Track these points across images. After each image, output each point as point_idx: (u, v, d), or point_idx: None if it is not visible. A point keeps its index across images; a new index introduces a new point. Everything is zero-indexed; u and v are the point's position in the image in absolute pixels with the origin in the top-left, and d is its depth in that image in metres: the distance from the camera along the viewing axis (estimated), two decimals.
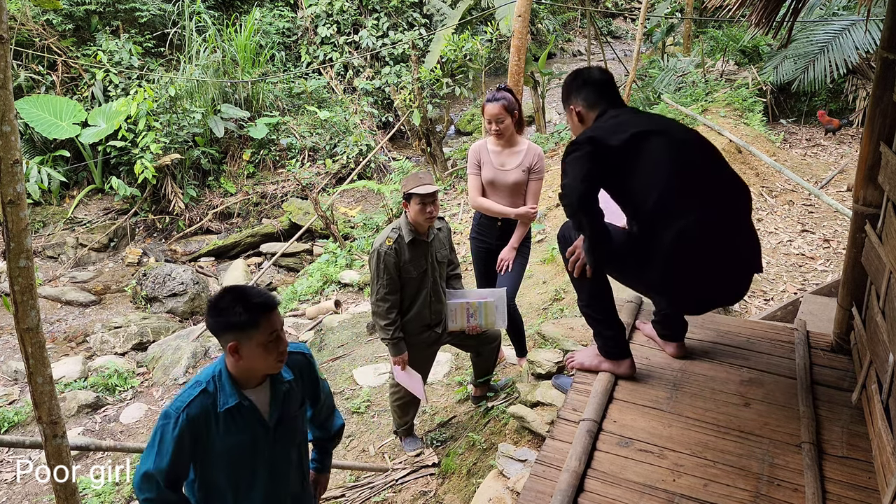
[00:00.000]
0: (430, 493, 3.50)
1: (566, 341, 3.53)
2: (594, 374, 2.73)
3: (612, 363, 2.71)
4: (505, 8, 9.58)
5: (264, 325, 1.88)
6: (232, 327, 1.86)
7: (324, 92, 12.04)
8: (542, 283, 5.61)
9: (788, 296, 5.21)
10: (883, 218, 2.48)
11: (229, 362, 1.94)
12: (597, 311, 2.64)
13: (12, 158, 1.87)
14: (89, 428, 5.25)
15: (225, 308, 1.87)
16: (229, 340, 1.88)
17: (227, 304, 1.87)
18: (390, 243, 3.29)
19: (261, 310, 1.88)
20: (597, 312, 2.64)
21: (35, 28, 10.02)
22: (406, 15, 12.97)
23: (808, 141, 8.99)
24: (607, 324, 2.66)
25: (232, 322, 1.86)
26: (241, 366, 1.93)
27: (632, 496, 2.15)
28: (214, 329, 1.91)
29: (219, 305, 1.89)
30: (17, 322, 1.96)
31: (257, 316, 1.86)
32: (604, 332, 2.69)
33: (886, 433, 2.07)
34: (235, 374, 1.95)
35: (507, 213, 3.66)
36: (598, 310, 2.63)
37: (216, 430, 1.93)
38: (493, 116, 3.53)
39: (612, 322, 2.66)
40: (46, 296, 7.95)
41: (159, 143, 9.28)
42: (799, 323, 3.17)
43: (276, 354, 1.93)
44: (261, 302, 1.89)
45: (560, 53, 16.81)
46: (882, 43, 2.56)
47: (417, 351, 3.54)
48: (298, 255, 9.14)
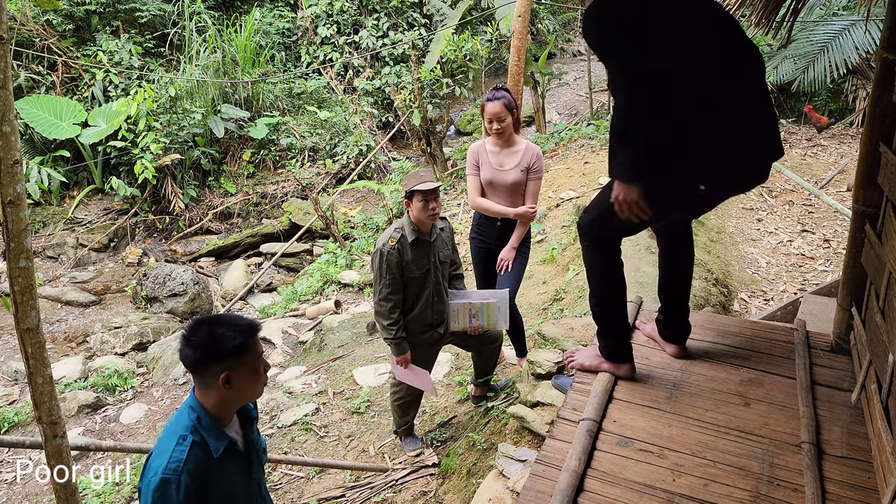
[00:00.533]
0: (430, 494, 3.50)
1: (566, 341, 3.53)
2: (594, 374, 2.73)
3: (612, 365, 2.71)
4: (505, 8, 9.57)
5: (253, 347, 1.82)
6: (226, 355, 1.76)
7: (324, 92, 12.04)
8: (542, 283, 5.61)
9: (788, 296, 5.22)
10: (882, 218, 2.48)
11: (211, 399, 1.80)
12: (608, 312, 2.63)
13: (12, 159, 1.87)
14: (89, 428, 5.26)
15: (218, 336, 1.76)
16: (221, 371, 1.76)
17: (218, 333, 1.76)
18: (393, 243, 3.29)
19: (251, 332, 1.81)
20: (608, 313, 2.63)
21: (35, 28, 10.03)
22: (406, 15, 12.97)
23: (808, 141, 8.99)
24: (616, 326, 2.65)
25: (226, 349, 1.76)
26: (228, 398, 1.80)
27: (632, 496, 2.15)
28: (203, 362, 1.77)
29: (211, 335, 1.76)
30: (18, 322, 1.96)
31: (248, 338, 1.80)
32: (610, 334, 2.68)
33: (886, 433, 2.07)
34: (216, 412, 1.82)
35: (506, 213, 3.66)
36: (609, 310, 2.63)
37: (213, 479, 1.79)
38: (495, 115, 3.53)
39: (621, 325, 2.65)
40: (46, 296, 7.95)
41: (159, 143, 9.28)
42: (799, 323, 3.17)
43: (264, 377, 1.86)
44: (247, 324, 1.82)
45: (560, 53, 16.79)
46: (882, 43, 2.56)
47: (419, 351, 3.54)
48: (298, 256, 9.14)
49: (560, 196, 7.44)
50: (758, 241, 6.31)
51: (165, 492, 1.69)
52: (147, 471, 1.75)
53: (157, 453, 1.76)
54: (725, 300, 5.09)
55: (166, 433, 1.80)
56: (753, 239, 6.33)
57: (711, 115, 2.22)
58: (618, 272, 2.59)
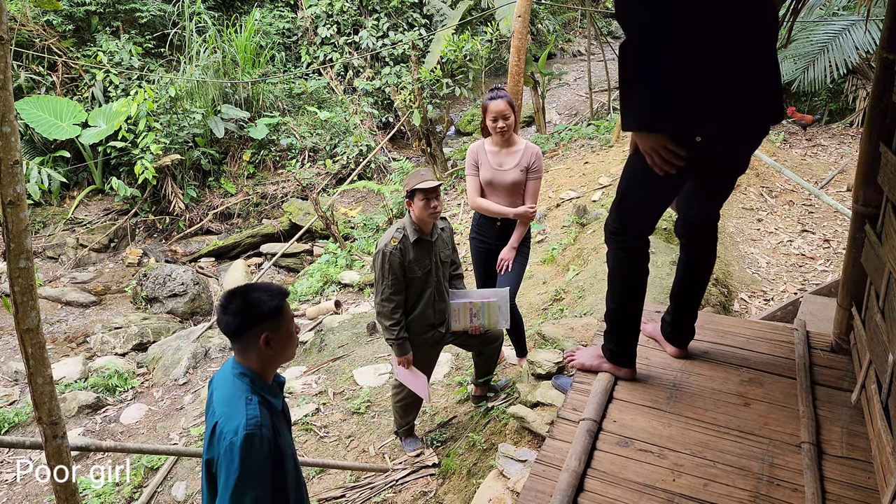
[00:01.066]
0: (431, 494, 3.50)
1: (566, 341, 3.53)
2: (594, 374, 2.73)
3: (614, 366, 2.71)
4: (505, 8, 9.58)
5: (286, 309, 1.95)
6: (264, 318, 1.89)
7: (324, 92, 12.05)
8: (542, 284, 5.61)
9: (788, 296, 5.21)
10: (882, 218, 2.48)
11: (255, 362, 1.92)
12: (623, 317, 2.61)
13: (12, 159, 1.87)
14: (90, 428, 5.26)
15: (255, 301, 1.89)
16: (260, 333, 1.88)
17: (254, 298, 1.89)
18: (395, 243, 3.29)
19: (283, 295, 1.95)
20: (623, 318, 2.61)
21: (35, 29, 10.03)
22: (406, 15, 12.97)
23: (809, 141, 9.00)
24: (627, 332, 2.64)
25: (264, 312, 1.88)
26: (269, 358, 1.93)
27: (632, 496, 2.15)
28: (244, 327, 1.89)
29: (247, 301, 1.89)
30: (18, 323, 1.96)
31: (282, 302, 1.93)
32: (620, 338, 2.67)
33: (886, 433, 2.07)
34: (262, 373, 1.95)
35: (506, 213, 3.66)
36: (625, 316, 2.61)
37: (278, 432, 1.93)
38: (500, 113, 3.53)
39: (632, 332, 2.65)
40: (47, 296, 7.95)
41: (159, 143, 9.29)
42: (799, 323, 3.16)
43: (296, 339, 2.02)
44: (278, 289, 1.96)
45: (560, 54, 16.81)
46: (882, 43, 2.56)
47: (421, 351, 3.54)
48: (299, 256, 9.14)
49: (560, 196, 7.44)
50: (758, 241, 6.31)
51: (251, 445, 1.80)
52: (222, 436, 1.82)
53: (226, 418, 1.84)
54: (725, 300, 5.09)
55: (226, 400, 1.89)
56: (753, 239, 6.33)
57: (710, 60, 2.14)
58: (641, 278, 2.57)
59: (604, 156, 8.38)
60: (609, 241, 2.60)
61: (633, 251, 2.53)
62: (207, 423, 1.94)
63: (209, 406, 1.98)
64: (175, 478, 4.42)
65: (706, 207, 2.65)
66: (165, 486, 4.37)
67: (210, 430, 1.87)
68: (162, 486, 4.37)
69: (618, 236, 2.54)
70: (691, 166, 2.28)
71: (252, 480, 1.81)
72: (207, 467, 1.90)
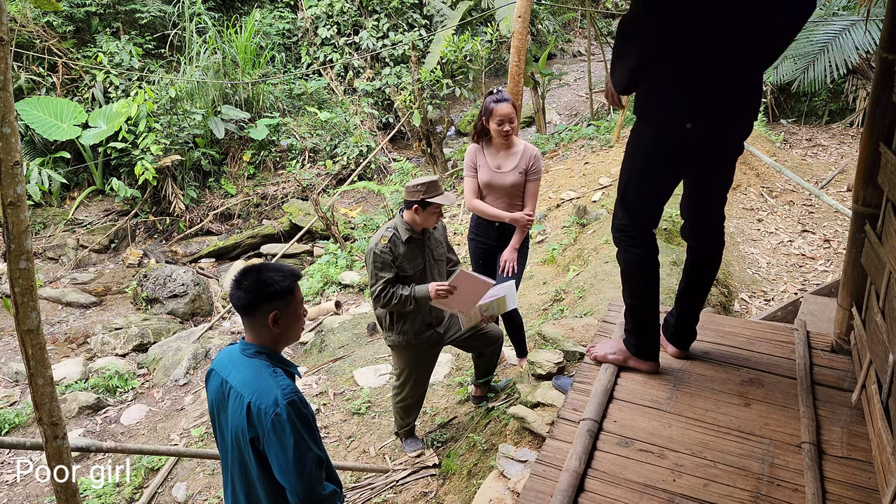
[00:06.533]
0: (431, 494, 3.50)
1: (566, 342, 3.53)
2: (596, 373, 2.73)
3: (638, 361, 2.74)
4: (505, 9, 9.58)
5: (297, 291, 1.99)
6: (275, 296, 1.92)
7: (324, 93, 12.05)
8: (542, 284, 5.61)
9: (789, 296, 5.21)
10: (882, 218, 2.48)
11: (266, 339, 1.97)
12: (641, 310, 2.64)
13: (13, 160, 1.87)
14: (90, 429, 5.26)
15: (267, 279, 1.92)
16: (270, 311, 1.92)
17: (266, 276, 1.92)
18: (385, 242, 3.28)
19: (295, 277, 1.99)
20: (641, 311, 2.65)
21: (35, 30, 10.03)
22: (406, 16, 12.97)
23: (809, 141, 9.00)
24: (648, 324, 2.68)
25: (275, 291, 1.92)
26: (276, 337, 1.98)
27: (632, 496, 2.15)
28: (254, 303, 1.93)
29: (260, 279, 1.92)
30: (18, 323, 1.96)
31: (293, 283, 1.97)
32: (641, 332, 2.71)
33: (886, 433, 2.07)
34: (275, 348, 2.00)
35: (502, 217, 3.65)
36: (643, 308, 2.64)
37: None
38: (506, 116, 3.52)
39: (653, 323, 2.68)
40: (47, 297, 7.95)
41: (160, 144, 9.29)
42: (799, 323, 3.17)
43: (303, 322, 2.06)
44: (291, 270, 1.99)
45: (560, 54, 16.81)
46: (882, 43, 2.56)
47: (420, 353, 3.53)
48: (299, 257, 9.14)
49: (560, 197, 7.44)
50: (758, 241, 6.31)
51: (297, 410, 1.85)
52: (262, 412, 1.83)
53: (259, 395, 1.86)
54: (726, 300, 5.09)
55: (251, 380, 1.90)
56: (754, 239, 6.33)
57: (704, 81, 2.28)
58: (654, 271, 2.61)
59: (604, 156, 8.38)
60: (618, 241, 2.64)
61: (642, 245, 2.58)
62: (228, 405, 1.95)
63: (220, 391, 1.98)
64: (175, 478, 4.42)
65: (709, 208, 2.68)
66: (166, 486, 4.37)
67: (245, 410, 1.87)
68: (162, 486, 4.37)
69: (625, 232, 2.58)
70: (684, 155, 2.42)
71: (308, 442, 1.86)
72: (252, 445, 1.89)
